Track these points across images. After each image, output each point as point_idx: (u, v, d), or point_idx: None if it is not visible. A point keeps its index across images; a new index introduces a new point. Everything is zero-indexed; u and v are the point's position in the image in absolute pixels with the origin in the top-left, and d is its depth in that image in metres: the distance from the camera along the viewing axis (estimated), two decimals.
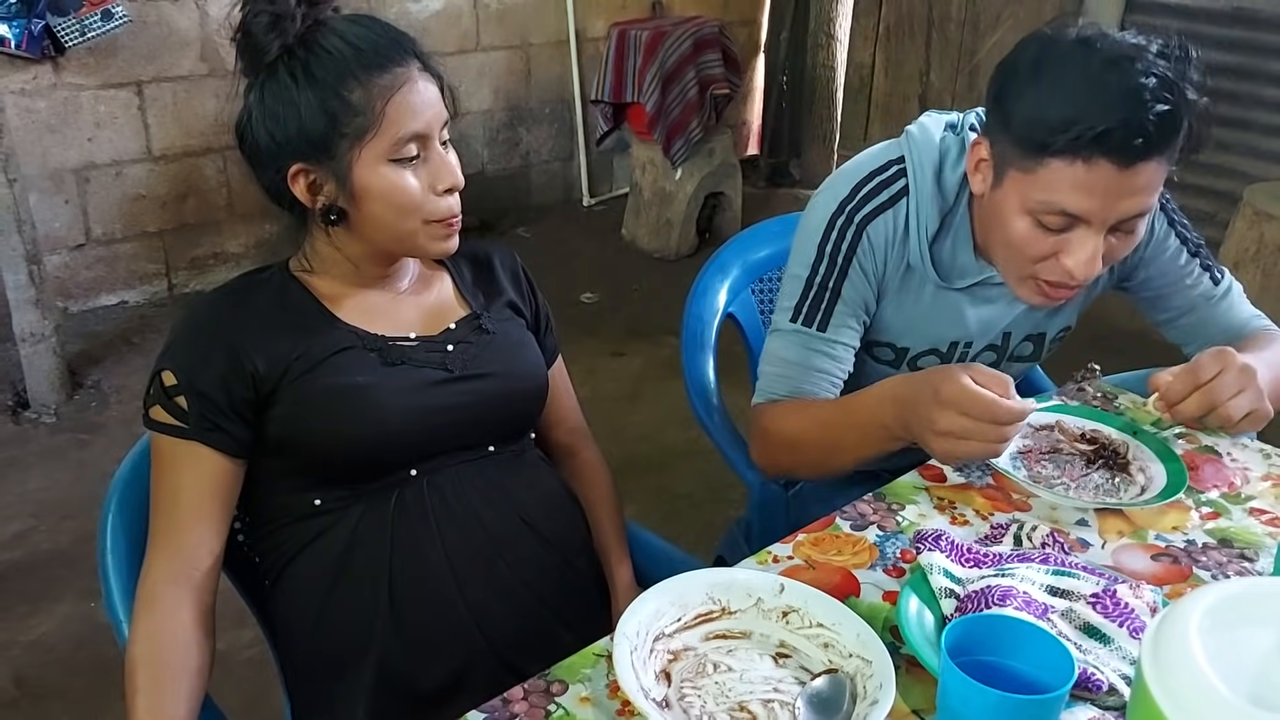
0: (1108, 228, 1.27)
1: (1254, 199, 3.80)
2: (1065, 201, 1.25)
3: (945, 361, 1.54)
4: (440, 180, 1.20)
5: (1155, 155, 1.22)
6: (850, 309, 1.47)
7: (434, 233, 1.22)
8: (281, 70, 1.17)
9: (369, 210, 1.19)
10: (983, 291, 1.50)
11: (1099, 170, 1.22)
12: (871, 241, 1.44)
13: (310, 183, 1.20)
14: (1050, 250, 1.30)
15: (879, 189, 1.46)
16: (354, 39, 1.17)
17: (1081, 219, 1.26)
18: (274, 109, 1.18)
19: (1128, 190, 1.24)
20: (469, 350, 1.29)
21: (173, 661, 1.11)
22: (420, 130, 1.18)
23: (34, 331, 3.10)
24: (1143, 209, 1.27)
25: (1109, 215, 1.26)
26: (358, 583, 1.21)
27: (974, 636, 0.90)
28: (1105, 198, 1.24)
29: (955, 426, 1.18)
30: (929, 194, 1.44)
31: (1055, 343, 1.62)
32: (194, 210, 3.94)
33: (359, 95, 1.16)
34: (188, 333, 1.20)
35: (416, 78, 1.19)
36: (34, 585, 2.45)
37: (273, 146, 1.19)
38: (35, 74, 3.47)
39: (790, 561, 1.17)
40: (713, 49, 4.39)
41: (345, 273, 1.27)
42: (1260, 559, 1.20)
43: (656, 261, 4.46)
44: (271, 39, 1.16)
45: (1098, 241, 1.28)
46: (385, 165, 1.17)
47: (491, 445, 1.30)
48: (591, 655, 1.02)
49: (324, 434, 1.18)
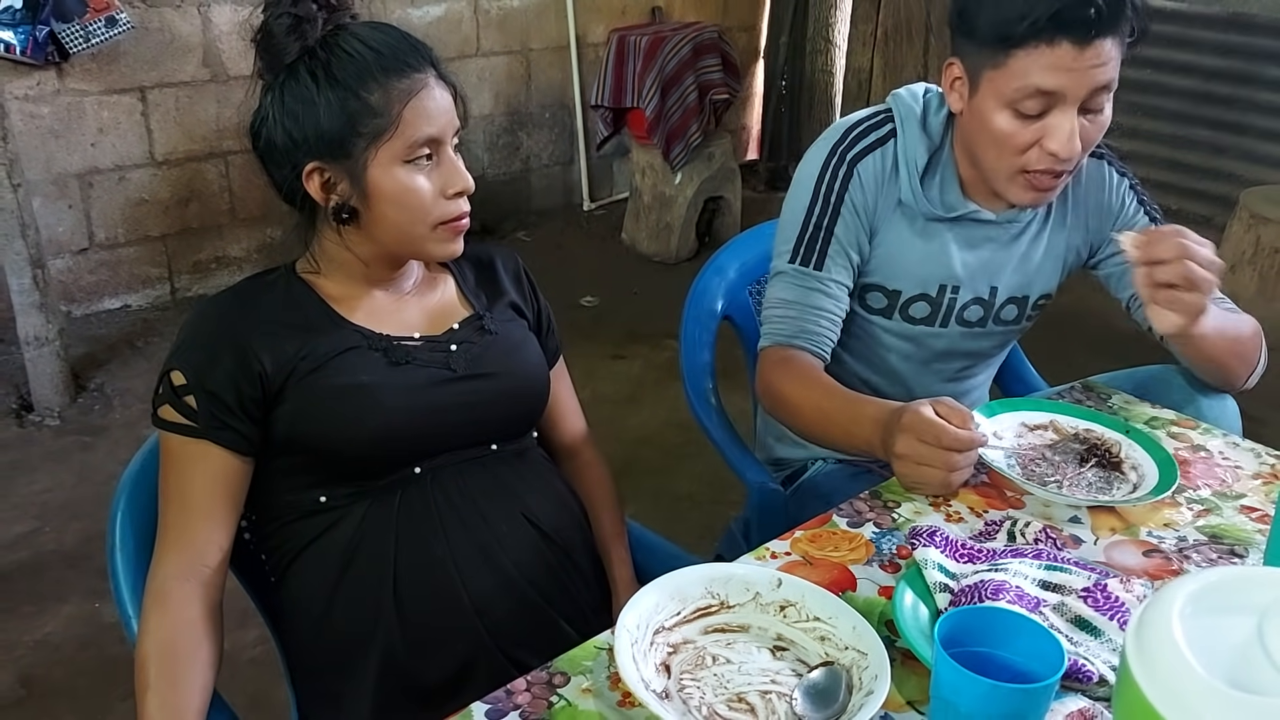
0: (1079, 105, 1.38)
1: (1250, 203, 3.83)
2: (1038, 81, 1.36)
3: (935, 309, 1.61)
4: (451, 184, 1.23)
5: (1108, 31, 1.34)
6: (843, 248, 1.56)
7: (441, 235, 1.25)
8: (302, 71, 1.20)
9: (380, 211, 1.22)
10: (970, 231, 1.57)
11: (1061, 49, 1.34)
12: (862, 179, 1.55)
13: (325, 181, 1.22)
14: (1032, 139, 1.41)
15: (868, 131, 1.57)
16: (375, 43, 1.21)
17: (1056, 96, 1.37)
18: (293, 108, 1.21)
19: (1090, 63, 1.35)
20: (472, 350, 1.31)
21: (183, 656, 1.12)
22: (434, 134, 1.21)
23: (38, 335, 3.12)
24: (1107, 81, 1.38)
25: (1079, 89, 1.37)
26: (363, 578, 1.23)
27: (967, 628, 0.91)
28: (1071, 73, 1.35)
29: (910, 450, 1.27)
30: (916, 134, 1.54)
31: (1036, 310, 1.67)
32: (196, 215, 3.96)
33: (378, 97, 1.19)
34: (196, 333, 1.22)
35: (433, 84, 1.22)
36: (39, 586, 2.47)
37: (290, 145, 1.22)
38: (39, 80, 3.50)
39: (788, 558, 1.19)
40: (712, 54, 4.42)
41: (352, 274, 1.29)
42: (1250, 555, 1.22)
43: (656, 265, 4.48)
44: (292, 40, 1.20)
45: (1074, 118, 1.38)
46: (399, 167, 1.21)
47: (494, 443, 1.32)
48: (593, 648, 1.04)
49: (330, 432, 1.20)
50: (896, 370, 1.68)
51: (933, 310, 1.61)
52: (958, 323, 1.63)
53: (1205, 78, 4.30)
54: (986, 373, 1.79)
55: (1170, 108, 4.44)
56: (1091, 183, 1.62)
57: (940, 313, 1.61)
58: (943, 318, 1.62)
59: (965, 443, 1.25)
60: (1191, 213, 4.45)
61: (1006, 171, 1.46)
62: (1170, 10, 4.38)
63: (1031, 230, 1.60)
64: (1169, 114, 4.45)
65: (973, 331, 1.65)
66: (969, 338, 1.66)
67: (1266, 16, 4.10)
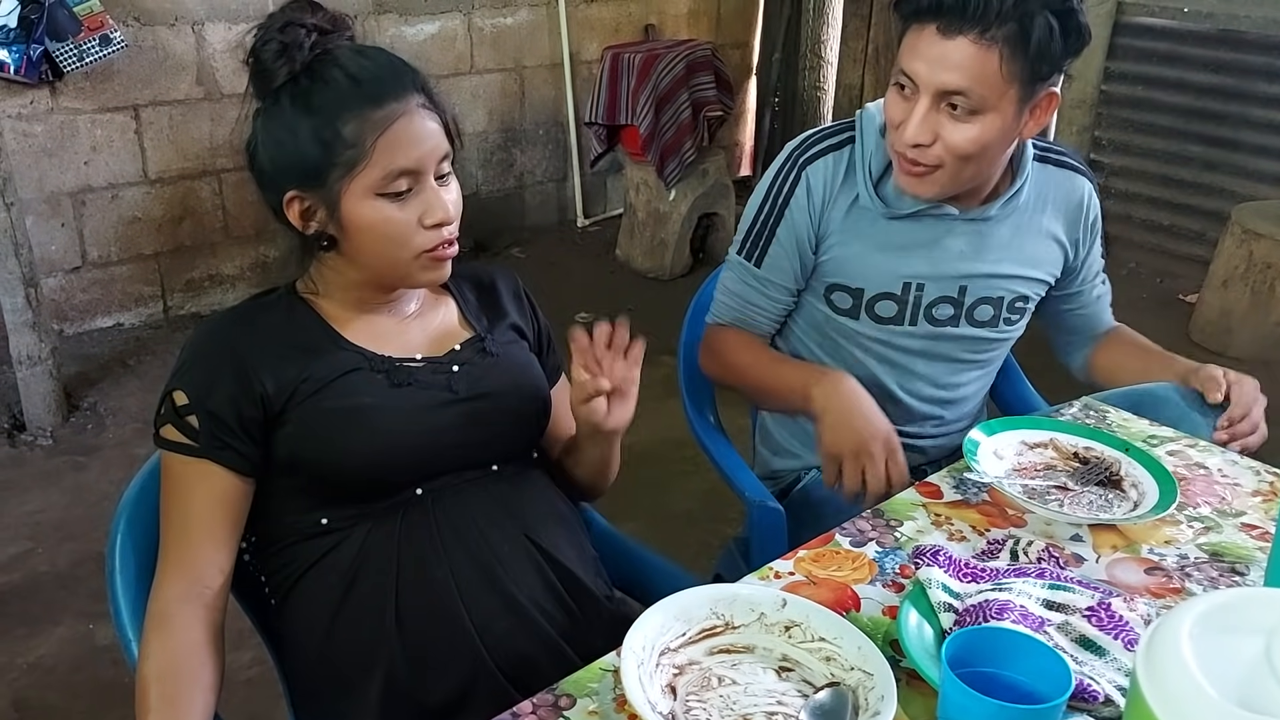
0: (933, 97, 1.42)
1: (1242, 218, 3.85)
2: (906, 63, 1.44)
3: (901, 306, 1.64)
4: (429, 215, 1.22)
5: (973, 31, 1.38)
6: (785, 250, 1.64)
7: (424, 263, 1.24)
8: (285, 97, 1.20)
9: (358, 241, 1.22)
10: (932, 227, 1.60)
11: (926, 34, 1.41)
12: (810, 183, 1.61)
13: (304, 209, 1.22)
14: (902, 117, 1.46)
15: (824, 138, 1.64)
16: (355, 70, 1.19)
17: (914, 82, 1.43)
18: (275, 134, 1.21)
19: (947, 60, 1.40)
20: (473, 372, 1.31)
21: (185, 679, 1.11)
22: (410, 166, 1.20)
23: (30, 354, 3.10)
24: (960, 86, 1.40)
25: (931, 80, 1.42)
26: (364, 601, 1.22)
27: (973, 648, 0.92)
28: (927, 61, 1.41)
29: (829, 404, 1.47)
30: (874, 140, 1.59)
31: (1016, 314, 1.69)
32: (189, 233, 3.95)
33: (352, 128, 1.17)
34: (198, 353, 1.22)
35: (415, 113, 1.21)
36: (32, 608, 2.45)
37: (273, 170, 1.22)
38: (32, 98, 3.49)
39: (792, 578, 1.19)
40: (705, 71, 4.43)
41: (349, 297, 1.29)
42: (1251, 572, 1.22)
43: (651, 281, 4.48)
44: (279, 65, 1.19)
45: (921, 107, 1.43)
46: (373, 199, 1.19)
47: (496, 464, 1.32)
48: (598, 670, 1.04)
49: (332, 454, 1.20)
50: (875, 376, 1.68)
51: (900, 309, 1.63)
52: (928, 321, 1.64)
53: (1197, 94, 4.33)
54: (977, 384, 1.77)
55: (1162, 124, 4.47)
56: (1065, 193, 1.66)
57: (908, 310, 1.63)
58: (911, 316, 1.63)
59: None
60: (1184, 228, 4.47)
61: (892, 150, 1.52)
62: (1161, 27, 4.41)
63: (1002, 232, 1.62)
64: (1161, 130, 4.48)
65: (946, 331, 1.65)
66: (945, 340, 1.66)
67: (1257, 33, 4.13)
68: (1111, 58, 4.53)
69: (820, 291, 1.66)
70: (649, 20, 4.96)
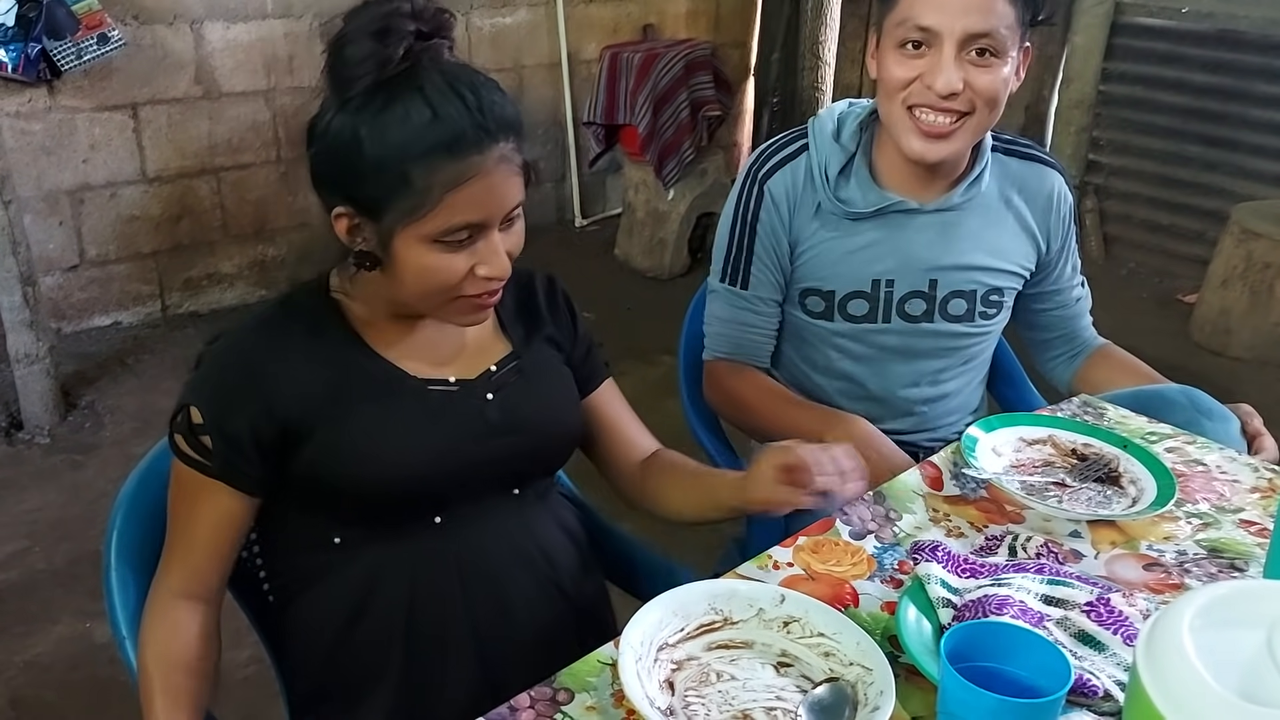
0: (958, 44, 1.44)
1: (1241, 218, 3.85)
2: (919, 18, 1.44)
3: (873, 304, 1.64)
4: (484, 267, 1.12)
5: None
6: (765, 264, 1.65)
7: (461, 307, 1.16)
8: (356, 113, 1.07)
9: (400, 275, 1.13)
10: (897, 224, 1.61)
11: None
12: (773, 196, 1.63)
13: (352, 226, 1.13)
14: (914, 75, 1.47)
15: (777, 150, 1.66)
16: (438, 105, 1.06)
17: (933, 33, 1.44)
18: (336, 148, 1.10)
19: (969, 4, 1.43)
20: (507, 401, 1.24)
21: (185, 663, 1.15)
22: (476, 221, 1.10)
23: (28, 353, 3.10)
24: (985, 28, 1.43)
25: (955, 28, 1.43)
26: (374, 622, 1.20)
27: (973, 643, 0.91)
28: (946, 11, 1.43)
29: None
30: (828, 145, 1.62)
31: (992, 308, 1.68)
32: (188, 231, 3.94)
33: (420, 176, 1.06)
34: (220, 367, 1.16)
35: (495, 170, 1.09)
36: (30, 606, 2.45)
37: (327, 178, 1.13)
38: (31, 97, 3.49)
39: (790, 569, 1.18)
40: (704, 71, 4.43)
41: (382, 307, 1.21)
42: (1250, 568, 1.22)
43: (650, 281, 4.48)
44: (363, 72, 1.06)
45: (951, 57, 1.44)
46: (428, 244, 1.09)
47: (518, 489, 1.27)
48: (596, 663, 1.03)
49: (351, 479, 1.15)
50: (852, 374, 1.69)
51: (871, 306, 1.64)
52: (900, 317, 1.64)
53: (1195, 94, 4.33)
54: (961, 380, 1.75)
55: (1161, 124, 4.46)
56: (1035, 186, 1.67)
57: (880, 307, 1.64)
58: (883, 313, 1.64)
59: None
60: (1183, 228, 4.47)
61: (899, 109, 1.51)
62: (1160, 27, 4.41)
63: (969, 223, 1.62)
64: (1160, 130, 4.47)
65: (920, 328, 1.65)
66: (920, 335, 1.66)
67: (1256, 33, 4.13)
68: (1110, 58, 4.53)
69: (795, 299, 1.67)
70: (648, 20, 4.95)
